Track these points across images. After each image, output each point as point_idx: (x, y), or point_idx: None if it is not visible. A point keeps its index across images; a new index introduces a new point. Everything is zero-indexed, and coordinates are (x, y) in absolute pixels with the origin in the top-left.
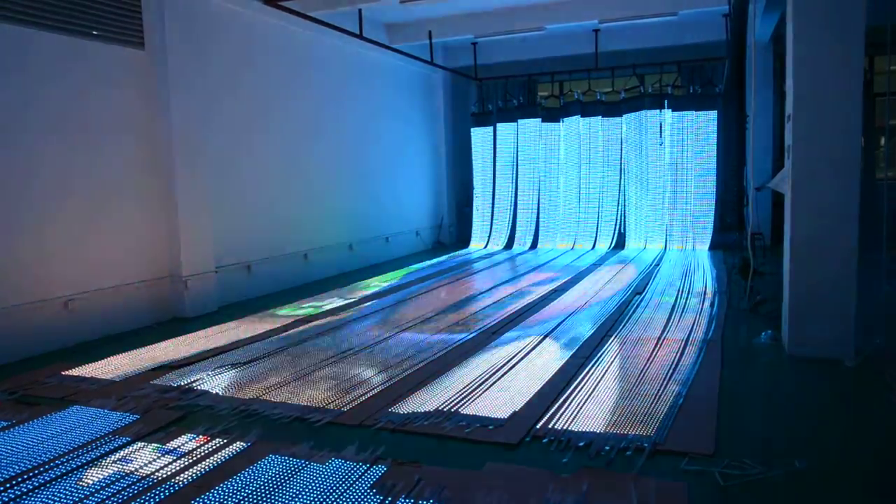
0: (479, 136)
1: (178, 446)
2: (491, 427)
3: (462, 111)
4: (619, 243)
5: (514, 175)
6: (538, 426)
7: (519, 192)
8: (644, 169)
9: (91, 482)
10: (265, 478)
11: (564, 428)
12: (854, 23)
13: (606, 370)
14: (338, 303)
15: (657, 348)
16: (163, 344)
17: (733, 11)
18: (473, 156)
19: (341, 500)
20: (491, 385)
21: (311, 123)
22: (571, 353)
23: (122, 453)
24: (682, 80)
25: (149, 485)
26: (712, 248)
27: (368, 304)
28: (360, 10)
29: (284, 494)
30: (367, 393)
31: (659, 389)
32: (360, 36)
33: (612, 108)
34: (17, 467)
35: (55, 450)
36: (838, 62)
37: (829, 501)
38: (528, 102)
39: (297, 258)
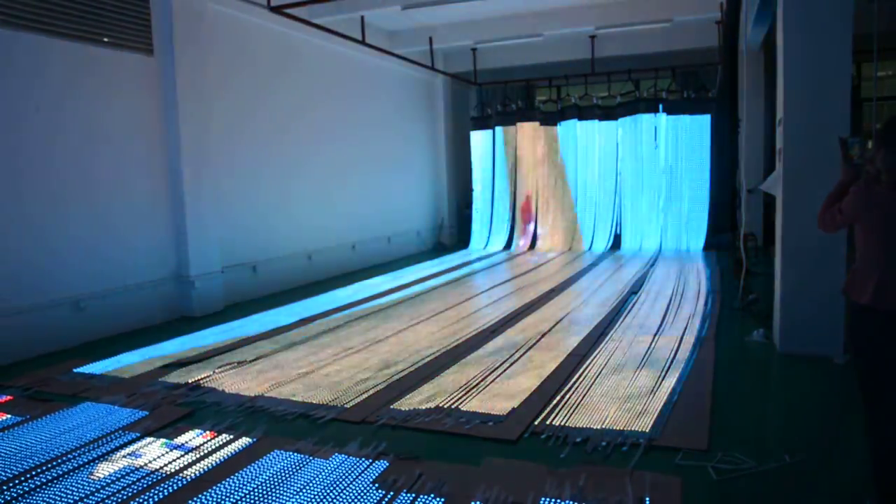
0: (479, 140)
1: (186, 442)
2: (490, 423)
3: (462, 115)
4: (616, 244)
5: (513, 177)
6: (536, 422)
7: (517, 193)
8: (639, 171)
9: (102, 476)
10: (270, 472)
11: (562, 424)
12: (842, 31)
13: (604, 367)
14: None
15: (653, 346)
16: (171, 342)
17: (725, 18)
18: (473, 158)
19: (344, 494)
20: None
21: (315, 126)
22: (569, 351)
23: (131, 448)
24: (677, 84)
25: (157, 479)
26: (706, 248)
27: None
28: (362, 18)
29: (289, 489)
30: (369, 390)
31: (654, 386)
32: (362, 42)
33: (608, 113)
34: (31, 461)
35: (67, 444)
36: (827, 68)
37: (818, 495)
38: (526, 107)
39: (301, 258)
